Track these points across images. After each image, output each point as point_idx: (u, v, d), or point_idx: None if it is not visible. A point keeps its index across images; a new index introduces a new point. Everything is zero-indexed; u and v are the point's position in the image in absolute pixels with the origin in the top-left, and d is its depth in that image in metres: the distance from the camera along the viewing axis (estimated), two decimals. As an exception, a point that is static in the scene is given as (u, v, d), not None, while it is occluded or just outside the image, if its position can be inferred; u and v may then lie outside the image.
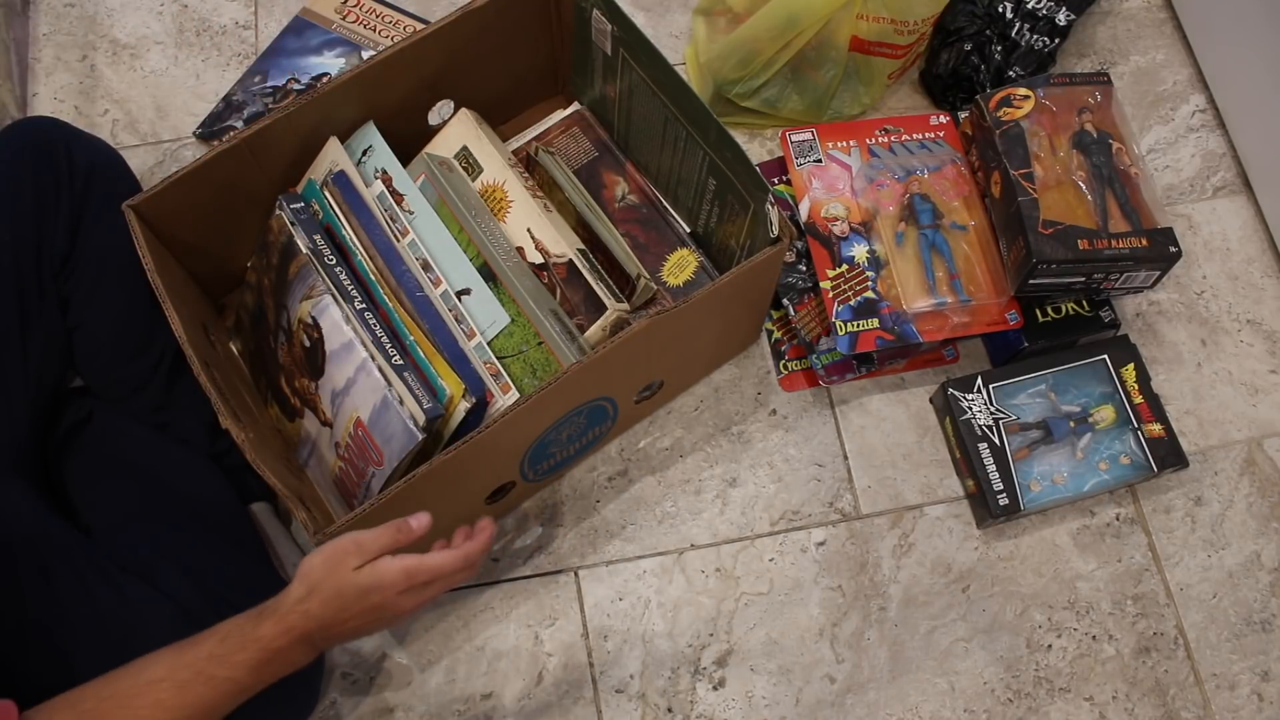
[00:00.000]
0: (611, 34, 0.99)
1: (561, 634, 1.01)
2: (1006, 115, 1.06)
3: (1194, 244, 1.20)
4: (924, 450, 1.09)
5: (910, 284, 1.06)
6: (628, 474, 1.07)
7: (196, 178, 0.90)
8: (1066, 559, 1.05)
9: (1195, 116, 1.27)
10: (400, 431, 0.87)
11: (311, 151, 0.99)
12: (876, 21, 1.10)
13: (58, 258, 0.91)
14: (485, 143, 1.04)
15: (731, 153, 0.92)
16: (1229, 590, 1.04)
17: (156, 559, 0.86)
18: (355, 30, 1.25)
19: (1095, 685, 1.01)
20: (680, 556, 1.04)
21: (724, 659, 1.00)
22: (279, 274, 0.96)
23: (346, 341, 0.90)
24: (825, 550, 1.05)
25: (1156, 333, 1.15)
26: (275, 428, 1.00)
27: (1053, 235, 0.99)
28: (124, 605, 0.82)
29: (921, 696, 1.00)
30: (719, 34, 1.18)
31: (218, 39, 1.27)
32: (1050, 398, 1.06)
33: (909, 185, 1.11)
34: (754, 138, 1.23)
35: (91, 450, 0.94)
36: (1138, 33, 1.32)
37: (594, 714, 0.98)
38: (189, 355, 0.83)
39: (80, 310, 0.93)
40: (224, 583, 0.86)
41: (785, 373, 1.12)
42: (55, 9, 1.28)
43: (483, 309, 0.94)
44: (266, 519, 0.99)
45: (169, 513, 0.91)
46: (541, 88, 1.17)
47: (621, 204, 1.09)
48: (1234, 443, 1.11)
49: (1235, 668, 1.02)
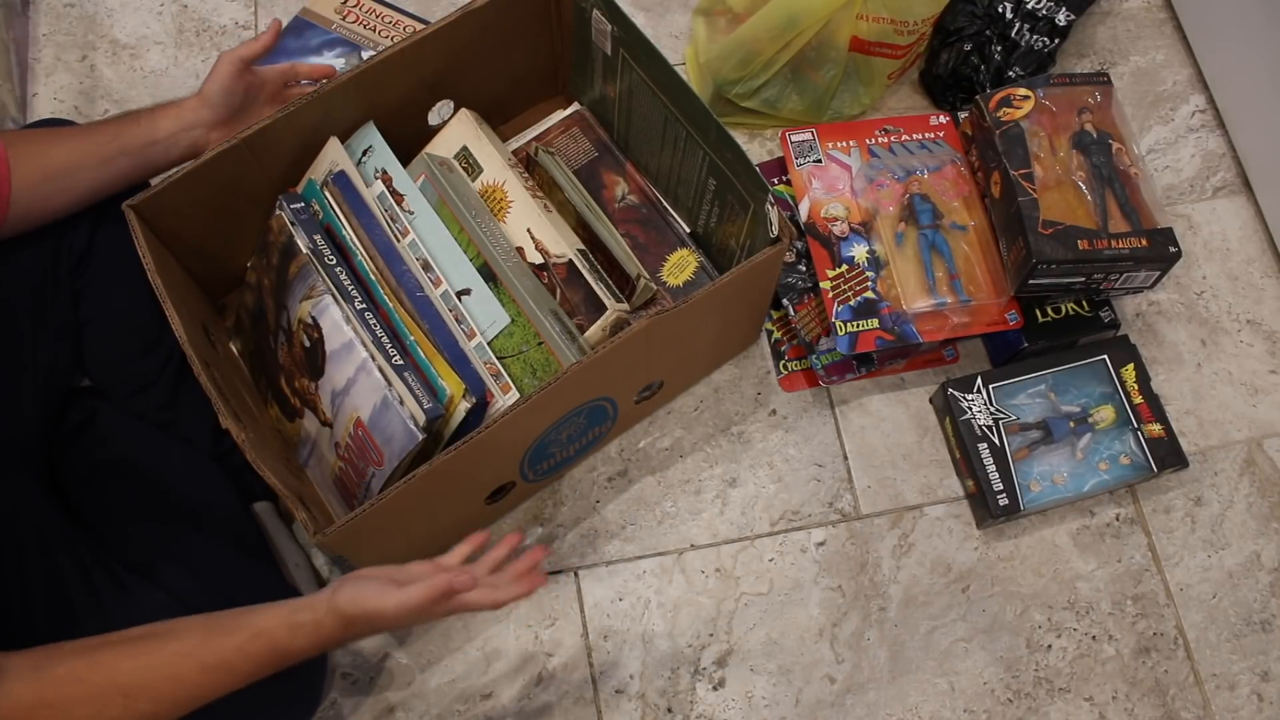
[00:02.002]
0: (611, 34, 0.99)
1: (561, 634, 1.01)
2: (1006, 115, 1.06)
3: (1194, 244, 1.20)
4: (924, 450, 1.09)
5: (910, 284, 1.06)
6: (628, 474, 1.07)
7: (196, 178, 0.90)
8: (1066, 559, 1.05)
9: (1195, 116, 1.27)
10: (400, 431, 0.87)
11: (311, 151, 0.99)
12: (876, 21, 1.10)
13: (76, 253, 0.92)
14: (485, 143, 1.04)
15: (731, 153, 0.92)
16: (1229, 590, 1.04)
17: (159, 558, 0.86)
18: (355, 30, 1.25)
19: (1095, 685, 1.01)
20: (680, 557, 1.04)
21: (724, 659, 1.00)
22: (279, 274, 0.96)
23: (347, 341, 0.90)
24: (825, 550, 1.05)
25: (1156, 333, 1.15)
26: (275, 428, 1.00)
27: (1053, 235, 0.99)
28: (127, 603, 0.82)
29: (921, 696, 1.00)
30: (719, 34, 1.18)
31: (218, 39, 1.27)
32: (1050, 398, 1.06)
33: (909, 185, 1.11)
34: (754, 138, 1.23)
35: (95, 449, 0.94)
36: (1138, 33, 1.32)
37: (594, 714, 0.98)
38: (189, 355, 0.83)
39: (93, 306, 0.93)
40: (226, 581, 0.86)
41: (785, 373, 1.12)
42: (55, 9, 1.27)
43: (483, 309, 0.94)
44: (269, 519, 1.00)
45: (172, 512, 0.92)
46: (541, 88, 1.17)
47: (621, 204, 1.09)
48: (1234, 443, 1.11)
49: (1235, 668, 1.02)
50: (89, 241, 0.92)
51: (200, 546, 0.89)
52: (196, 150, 0.91)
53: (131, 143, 0.88)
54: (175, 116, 0.90)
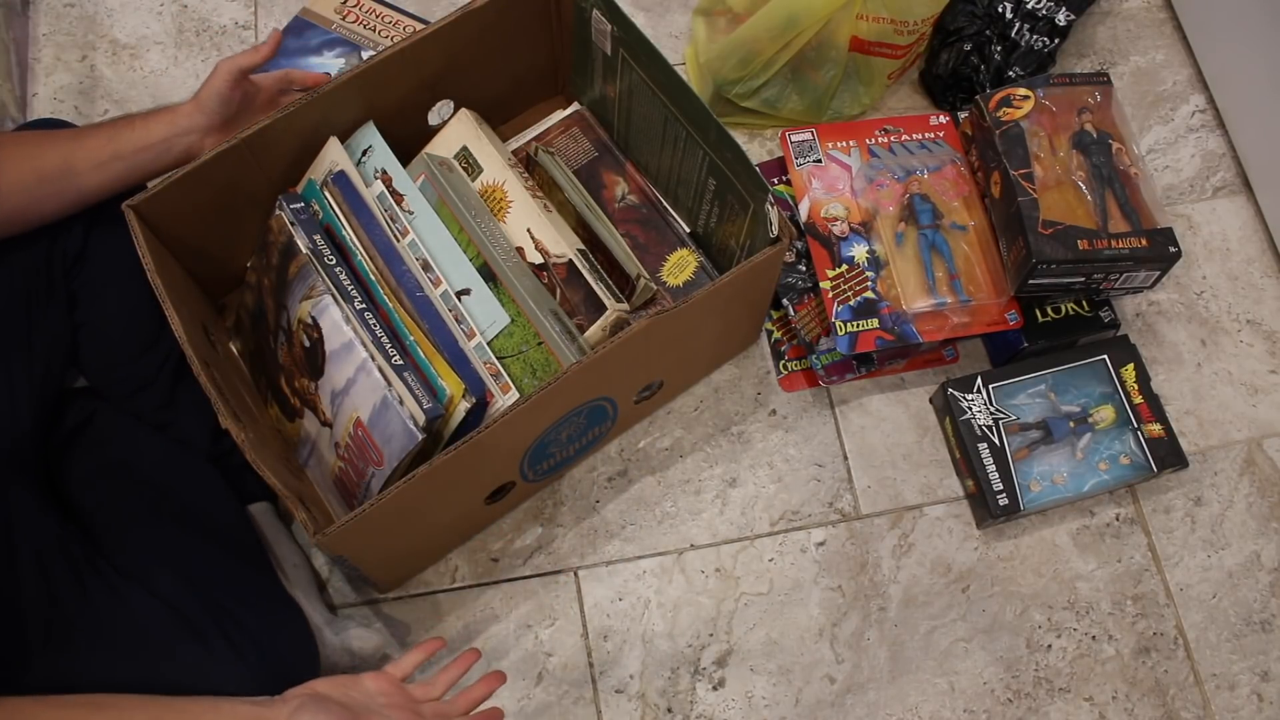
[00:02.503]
0: (611, 34, 0.99)
1: (561, 634, 1.01)
2: (1006, 115, 1.06)
3: (1194, 244, 1.20)
4: (924, 450, 1.09)
5: (910, 284, 1.06)
6: (627, 474, 1.07)
7: (196, 178, 0.90)
8: (1066, 559, 1.05)
9: (1195, 116, 1.27)
10: (400, 431, 0.87)
11: (311, 151, 0.99)
12: (876, 21, 1.10)
13: (70, 255, 0.92)
14: (485, 143, 1.04)
15: (731, 153, 0.92)
16: (1229, 590, 1.04)
17: (155, 563, 0.85)
18: (355, 30, 1.25)
19: (1095, 685, 1.01)
20: (680, 557, 1.04)
21: (724, 659, 1.00)
22: (279, 274, 0.96)
23: (346, 341, 0.90)
24: (825, 550, 1.05)
25: (1156, 333, 1.15)
26: (275, 428, 1.00)
27: (1053, 235, 0.99)
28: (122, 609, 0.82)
29: (921, 696, 1.00)
30: (719, 34, 1.18)
31: (218, 39, 1.27)
32: (1050, 398, 1.06)
33: (909, 185, 1.11)
34: (754, 138, 1.23)
35: (93, 452, 0.94)
36: (1138, 33, 1.32)
37: (594, 714, 0.98)
38: (189, 355, 0.83)
39: (88, 307, 0.93)
40: (221, 588, 0.86)
41: (785, 373, 1.12)
42: (55, 9, 1.27)
43: (483, 309, 0.94)
44: (267, 520, 0.99)
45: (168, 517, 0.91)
46: (541, 88, 1.17)
47: (621, 204, 1.09)
48: (1234, 443, 1.11)
49: (1235, 668, 1.02)
50: (84, 243, 0.92)
51: (196, 551, 0.89)
52: (191, 156, 0.91)
53: (125, 147, 0.88)
54: (169, 122, 0.90)
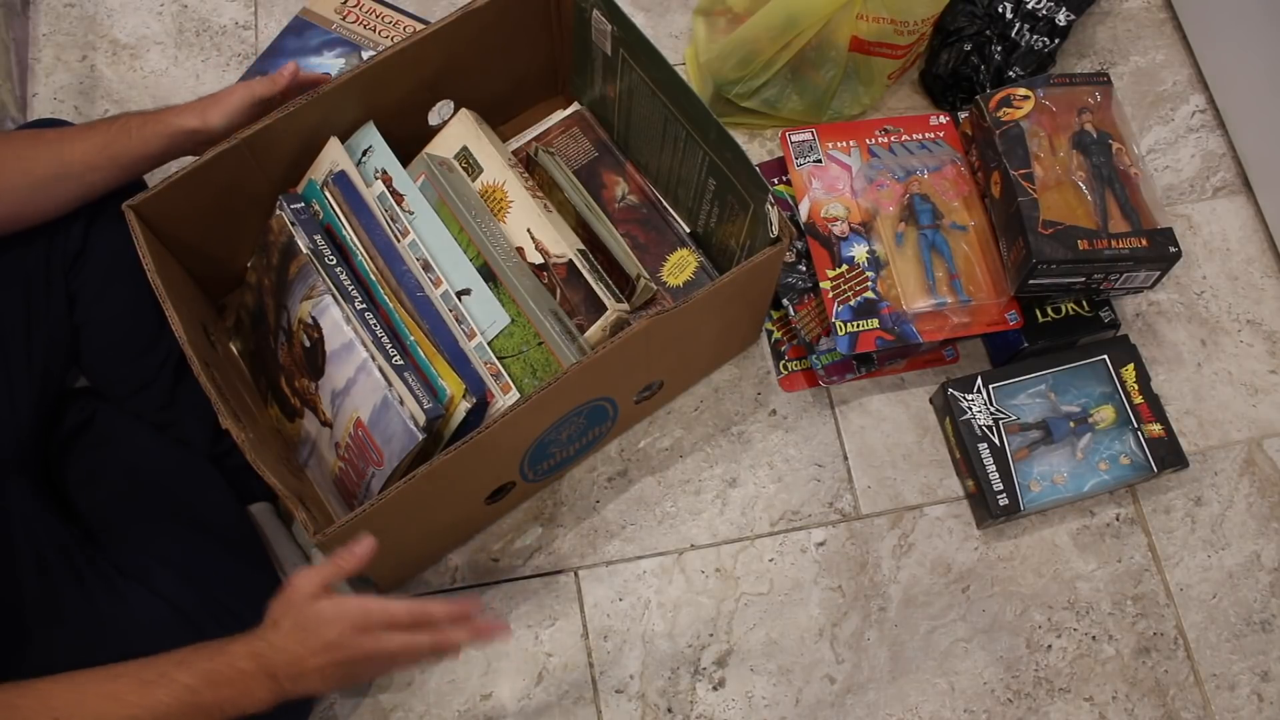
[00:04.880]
0: (611, 34, 0.99)
1: (561, 634, 1.01)
2: (1006, 115, 1.06)
3: (1194, 244, 1.20)
4: (924, 450, 1.09)
5: (910, 284, 1.06)
6: (628, 474, 1.07)
7: (196, 178, 0.90)
8: (1066, 559, 1.05)
9: (1195, 117, 1.27)
10: (400, 431, 0.87)
11: (311, 151, 0.99)
12: (876, 22, 1.10)
13: (70, 255, 0.91)
14: (485, 143, 1.04)
15: (731, 153, 0.92)
16: (1229, 590, 1.04)
17: (154, 562, 0.86)
18: (355, 30, 1.25)
19: (1095, 685, 1.01)
20: (680, 557, 1.04)
21: (724, 659, 1.00)
22: (279, 274, 0.96)
23: (347, 341, 0.90)
24: (825, 550, 1.05)
25: (1156, 333, 1.15)
26: (275, 428, 1.00)
27: (1053, 235, 0.99)
28: (121, 607, 0.82)
29: (921, 697, 1.00)
30: (719, 34, 1.18)
31: (218, 39, 1.27)
32: (1050, 398, 1.06)
33: (909, 185, 1.11)
34: (754, 138, 1.23)
35: (93, 452, 0.94)
36: (1138, 33, 1.32)
37: (594, 714, 0.98)
38: (189, 355, 0.83)
39: (88, 307, 0.93)
40: (221, 587, 0.86)
41: (785, 373, 1.12)
42: (55, 9, 1.27)
43: (483, 309, 0.94)
44: (267, 520, 0.99)
45: (168, 517, 0.91)
46: (541, 88, 1.17)
47: (621, 204, 1.09)
48: (1234, 443, 1.11)
49: (1235, 668, 1.02)
50: (83, 242, 0.92)
51: (196, 550, 0.89)
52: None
53: (123, 155, 0.88)
54: (169, 136, 0.89)
